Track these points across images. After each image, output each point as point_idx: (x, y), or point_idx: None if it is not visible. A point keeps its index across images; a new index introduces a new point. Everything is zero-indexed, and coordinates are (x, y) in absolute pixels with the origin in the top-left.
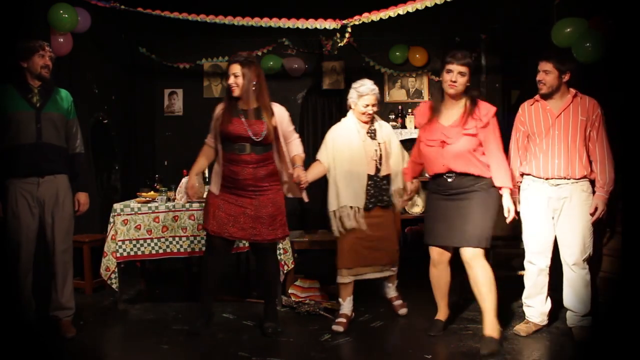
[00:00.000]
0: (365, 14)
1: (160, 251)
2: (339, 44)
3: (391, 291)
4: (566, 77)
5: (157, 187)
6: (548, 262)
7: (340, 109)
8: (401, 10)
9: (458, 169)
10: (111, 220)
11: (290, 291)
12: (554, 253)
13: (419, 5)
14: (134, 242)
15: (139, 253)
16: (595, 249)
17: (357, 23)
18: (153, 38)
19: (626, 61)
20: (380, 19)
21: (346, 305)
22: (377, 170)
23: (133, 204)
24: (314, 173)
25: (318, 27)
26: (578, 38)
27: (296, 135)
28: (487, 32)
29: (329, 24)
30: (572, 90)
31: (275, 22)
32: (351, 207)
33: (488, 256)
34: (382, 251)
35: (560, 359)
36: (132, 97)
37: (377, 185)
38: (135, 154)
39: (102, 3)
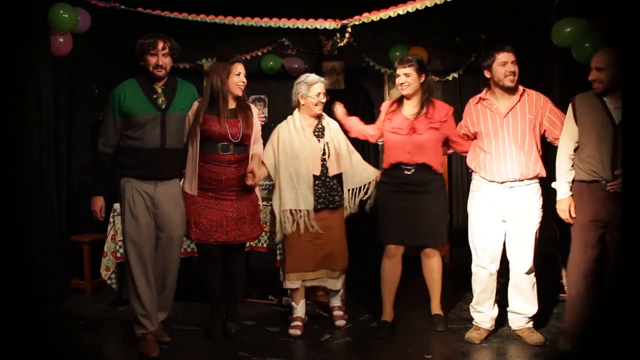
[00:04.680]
0: (365, 14)
1: None
2: (339, 44)
3: (334, 299)
4: None
5: None
6: (497, 265)
7: None
8: (401, 10)
9: (421, 160)
10: (111, 220)
11: None
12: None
13: (419, 5)
14: None
15: None
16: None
17: (357, 23)
18: None
19: (626, 61)
20: (380, 19)
21: (299, 309)
22: (325, 169)
23: None
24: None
25: (318, 27)
26: (578, 38)
27: (261, 141)
28: (487, 32)
29: (329, 24)
30: (520, 87)
31: (275, 22)
32: (299, 210)
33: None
34: (331, 255)
35: (557, 359)
36: None
37: (326, 186)
38: None
39: (102, 3)
